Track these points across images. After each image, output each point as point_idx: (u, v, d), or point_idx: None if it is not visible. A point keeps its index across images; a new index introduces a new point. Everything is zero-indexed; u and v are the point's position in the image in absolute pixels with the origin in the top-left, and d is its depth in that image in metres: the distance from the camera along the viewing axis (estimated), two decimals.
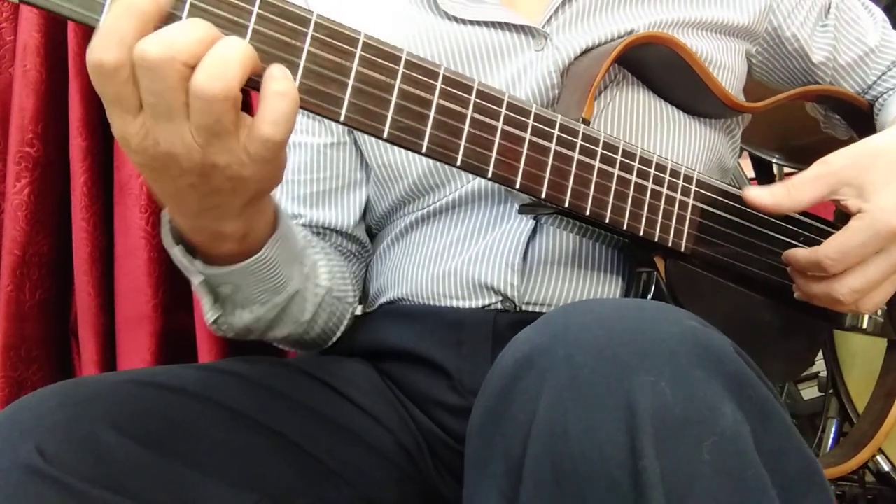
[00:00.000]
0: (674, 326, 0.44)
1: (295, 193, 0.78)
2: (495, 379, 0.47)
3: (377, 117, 0.51)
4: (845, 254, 0.63)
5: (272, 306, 0.65)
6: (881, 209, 0.62)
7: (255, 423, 0.61)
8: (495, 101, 0.56)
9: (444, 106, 0.53)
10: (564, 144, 0.59)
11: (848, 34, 0.84)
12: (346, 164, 0.78)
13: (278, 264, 0.62)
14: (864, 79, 0.86)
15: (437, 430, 0.72)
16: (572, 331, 0.45)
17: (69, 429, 0.51)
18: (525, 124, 0.57)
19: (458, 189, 0.73)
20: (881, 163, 0.64)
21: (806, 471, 0.46)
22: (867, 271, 0.64)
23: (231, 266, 0.59)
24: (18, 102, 1.03)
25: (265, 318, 0.66)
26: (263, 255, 0.59)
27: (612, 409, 0.41)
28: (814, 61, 0.83)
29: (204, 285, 0.61)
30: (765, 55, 0.84)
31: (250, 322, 0.66)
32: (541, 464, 0.43)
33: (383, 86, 0.51)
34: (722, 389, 0.43)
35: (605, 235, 0.70)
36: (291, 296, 0.66)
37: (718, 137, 0.78)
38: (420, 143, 0.52)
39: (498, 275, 0.70)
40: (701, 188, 0.68)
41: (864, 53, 0.85)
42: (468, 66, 0.72)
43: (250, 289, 0.62)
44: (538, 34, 0.72)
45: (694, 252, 0.68)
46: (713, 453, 0.41)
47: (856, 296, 0.65)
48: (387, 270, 0.79)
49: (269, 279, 0.62)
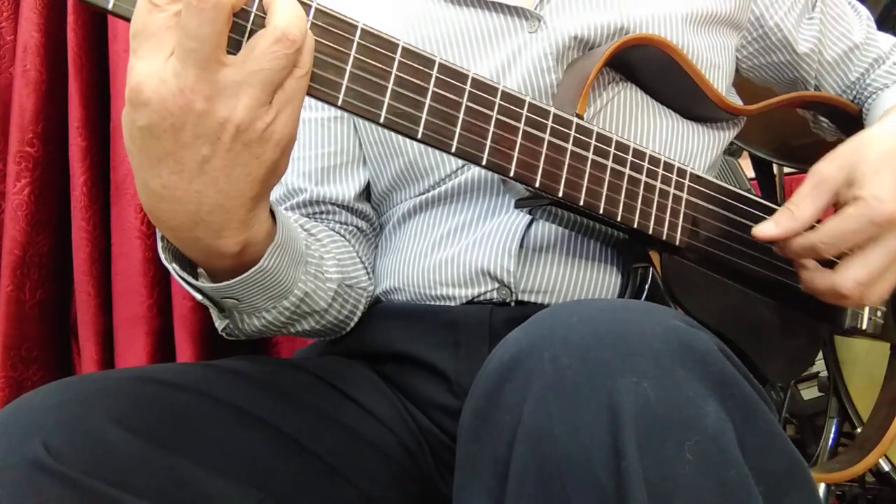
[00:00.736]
0: (658, 327, 0.45)
1: (301, 170, 0.78)
2: (483, 381, 0.48)
3: (374, 102, 0.51)
4: (839, 238, 0.64)
5: (282, 310, 0.65)
6: (874, 196, 0.62)
7: (259, 421, 0.61)
8: (490, 91, 0.56)
9: (440, 94, 0.54)
10: (558, 135, 0.60)
11: (834, 29, 0.85)
12: (349, 139, 0.79)
13: (279, 272, 0.60)
14: (846, 75, 0.87)
15: (436, 431, 0.72)
16: (558, 332, 0.45)
17: (74, 425, 0.51)
18: (519, 114, 0.58)
19: (456, 175, 0.73)
20: (870, 154, 0.65)
21: (791, 469, 0.46)
22: (869, 262, 0.64)
23: (229, 281, 0.57)
24: (19, 102, 1.04)
25: (277, 321, 0.66)
26: (262, 266, 0.57)
27: (596, 411, 0.42)
28: (798, 52, 0.84)
29: (206, 299, 0.60)
30: (750, 49, 0.85)
31: (261, 327, 0.66)
32: (526, 465, 0.43)
33: (380, 73, 0.52)
34: (705, 389, 0.43)
35: (599, 231, 0.70)
36: (301, 298, 0.66)
37: (713, 139, 0.79)
38: (416, 128, 0.53)
39: (495, 260, 0.71)
40: (694, 183, 0.68)
41: (848, 49, 0.86)
42: (464, 47, 0.73)
43: (254, 299, 0.61)
44: (531, 16, 0.73)
45: (688, 245, 0.68)
46: (696, 453, 0.41)
47: (861, 288, 0.65)
48: (385, 260, 0.79)
49: (271, 287, 0.61)
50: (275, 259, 0.58)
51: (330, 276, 0.71)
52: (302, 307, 0.67)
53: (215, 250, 0.53)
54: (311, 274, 0.67)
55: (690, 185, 0.68)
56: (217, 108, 0.45)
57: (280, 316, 0.65)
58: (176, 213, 0.49)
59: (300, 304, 0.66)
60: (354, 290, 0.76)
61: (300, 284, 0.65)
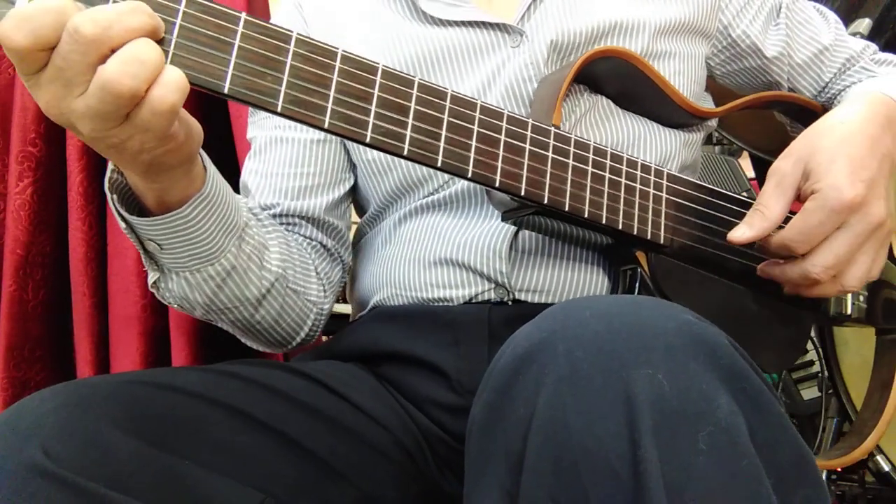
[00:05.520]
0: (670, 321, 0.46)
1: (278, 186, 0.79)
2: (496, 375, 0.48)
3: (359, 123, 0.53)
4: (807, 234, 0.66)
5: (206, 277, 0.65)
6: (830, 186, 0.64)
7: (259, 423, 0.61)
8: (469, 106, 0.59)
9: (422, 112, 0.56)
10: (538, 145, 0.62)
11: (801, 34, 0.88)
12: (332, 162, 0.81)
13: (204, 228, 0.61)
14: (819, 76, 0.89)
15: (436, 430, 0.72)
16: (571, 326, 0.46)
17: (74, 428, 0.50)
18: (499, 127, 0.60)
19: (446, 187, 0.75)
20: (824, 143, 0.67)
21: (799, 462, 0.47)
22: (833, 247, 0.66)
23: (151, 218, 0.59)
24: (21, 102, 1.03)
25: (203, 293, 0.66)
26: (183, 212, 0.59)
27: (612, 402, 0.42)
28: (768, 56, 0.87)
29: (132, 236, 0.61)
30: (721, 57, 0.88)
31: (188, 294, 0.66)
32: (541, 457, 0.44)
33: (363, 95, 0.54)
34: (717, 382, 0.44)
35: (585, 240, 0.72)
36: (228, 271, 0.66)
37: (684, 141, 0.82)
38: (401, 146, 0.55)
39: (486, 263, 0.72)
40: (672, 182, 0.71)
41: (818, 51, 0.88)
42: (449, 65, 0.76)
43: (175, 250, 0.62)
44: (514, 31, 0.76)
45: (673, 243, 0.70)
46: (709, 444, 0.42)
47: (830, 272, 0.67)
48: (378, 269, 0.80)
49: (193, 241, 0.62)
50: (197, 210, 0.60)
51: (268, 267, 0.71)
52: (229, 283, 0.67)
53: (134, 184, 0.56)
54: (244, 252, 0.67)
55: (669, 184, 0.71)
56: None
57: (205, 286, 0.66)
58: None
59: (227, 277, 0.67)
60: (299, 297, 0.76)
61: (229, 256, 0.66)
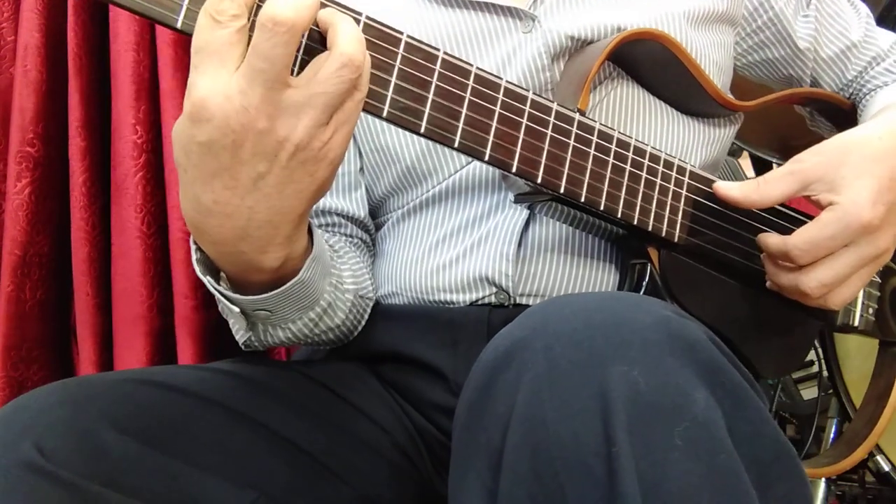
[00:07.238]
0: (648, 316, 0.45)
1: None
2: (477, 374, 0.48)
3: (377, 96, 0.52)
4: (814, 245, 0.63)
5: (306, 321, 0.65)
6: (852, 202, 0.62)
7: (254, 422, 0.61)
8: (492, 87, 0.57)
9: (443, 88, 0.54)
10: (560, 132, 0.61)
11: (831, 28, 0.85)
12: (353, 155, 0.79)
13: (313, 283, 0.61)
14: (843, 73, 0.87)
15: (433, 431, 0.72)
16: (551, 323, 0.46)
17: (68, 426, 0.51)
18: (521, 110, 0.58)
19: (451, 176, 0.73)
20: (853, 157, 0.64)
21: (780, 457, 0.47)
22: (836, 265, 0.64)
23: (267, 293, 0.58)
24: (19, 102, 1.04)
25: (300, 333, 0.66)
26: (301, 278, 0.58)
27: (587, 398, 0.42)
28: (799, 46, 0.84)
29: (231, 310, 0.60)
30: (746, 44, 0.85)
31: (284, 339, 0.66)
32: (519, 453, 0.44)
33: (383, 66, 0.52)
34: (694, 377, 0.43)
35: (598, 227, 0.70)
36: (324, 308, 0.66)
37: (711, 136, 0.79)
38: (419, 123, 0.53)
39: (492, 265, 0.71)
40: (693, 180, 0.69)
41: (846, 48, 0.86)
42: (458, 49, 0.74)
43: (285, 310, 0.61)
44: (525, 16, 0.73)
45: (687, 242, 0.68)
46: (685, 439, 0.42)
47: (824, 290, 0.65)
48: (381, 265, 0.79)
49: (303, 298, 0.61)
50: (311, 271, 0.60)
51: (347, 287, 0.71)
52: (324, 318, 0.67)
53: (256, 265, 0.54)
54: (332, 285, 0.67)
55: (690, 182, 0.69)
56: (278, 127, 0.46)
57: (304, 328, 0.66)
58: (223, 227, 0.50)
59: (323, 314, 0.67)
60: (364, 300, 0.76)
61: (325, 295, 0.65)
